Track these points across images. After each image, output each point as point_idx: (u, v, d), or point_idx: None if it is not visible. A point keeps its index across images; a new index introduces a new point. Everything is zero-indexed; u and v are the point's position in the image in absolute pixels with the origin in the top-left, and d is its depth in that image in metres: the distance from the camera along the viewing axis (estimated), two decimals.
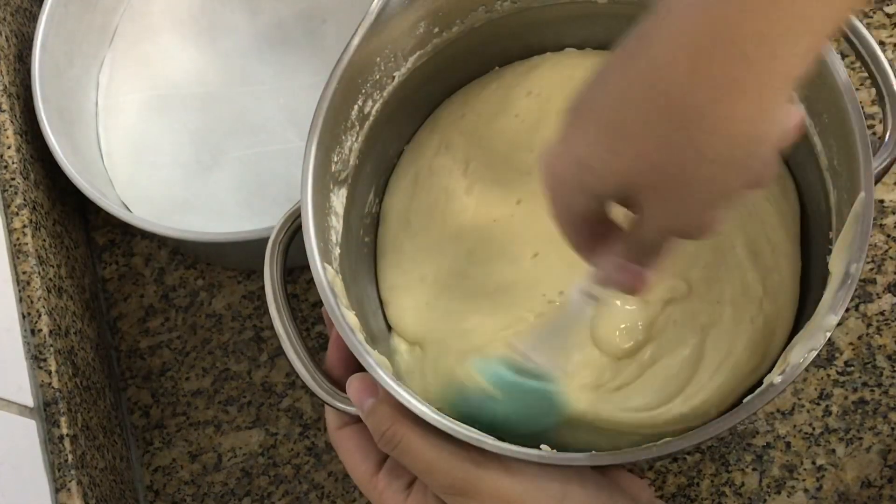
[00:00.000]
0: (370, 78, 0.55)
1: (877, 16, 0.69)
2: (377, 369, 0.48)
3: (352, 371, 0.51)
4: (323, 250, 0.51)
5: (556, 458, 0.47)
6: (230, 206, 0.68)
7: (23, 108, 0.65)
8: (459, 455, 0.47)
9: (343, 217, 0.55)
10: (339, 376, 0.52)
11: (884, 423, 0.62)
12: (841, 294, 0.47)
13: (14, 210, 0.61)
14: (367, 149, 0.57)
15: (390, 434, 0.48)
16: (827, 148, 0.53)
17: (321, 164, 0.52)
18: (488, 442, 0.47)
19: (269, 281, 0.52)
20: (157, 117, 0.71)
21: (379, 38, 0.54)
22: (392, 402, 0.48)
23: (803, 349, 0.47)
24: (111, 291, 0.70)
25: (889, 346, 0.63)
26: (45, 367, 0.59)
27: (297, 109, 0.70)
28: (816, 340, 0.47)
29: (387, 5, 0.53)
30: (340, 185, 0.55)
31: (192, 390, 0.68)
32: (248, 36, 0.72)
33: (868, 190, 0.48)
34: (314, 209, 0.51)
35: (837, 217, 0.51)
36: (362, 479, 0.51)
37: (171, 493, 0.66)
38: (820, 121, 0.53)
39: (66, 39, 0.68)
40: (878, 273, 0.64)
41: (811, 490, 0.61)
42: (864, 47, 0.52)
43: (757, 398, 0.46)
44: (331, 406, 0.51)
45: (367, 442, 0.51)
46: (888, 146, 0.51)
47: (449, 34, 0.58)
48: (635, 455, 0.47)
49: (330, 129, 0.52)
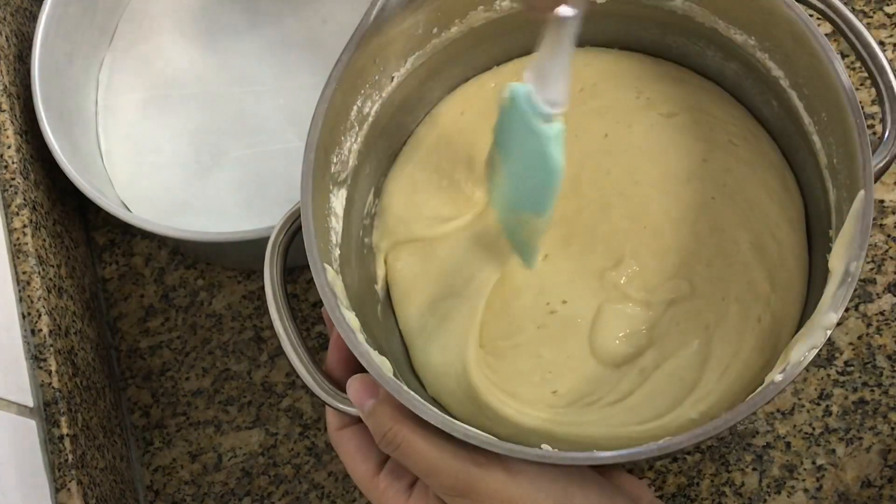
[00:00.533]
0: (369, 79, 0.55)
1: (877, 16, 0.69)
2: (378, 369, 0.48)
3: (352, 372, 0.51)
4: (323, 251, 0.51)
5: (557, 458, 0.47)
6: (230, 206, 0.68)
7: (23, 107, 0.65)
8: (460, 456, 0.47)
9: (343, 218, 0.55)
10: (339, 377, 0.52)
11: (884, 423, 0.62)
12: (841, 292, 0.47)
13: (14, 210, 0.61)
14: (367, 149, 0.57)
15: (391, 435, 0.48)
16: (826, 146, 0.53)
17: (321, 166, 0.52)
18: (489, 441, 0.47)
19: (268, 282, 0.52)
20: (156, 117, 0.71)
21: (378, 39, 0.53)
22: (393, 402, 0.48)
23: (804, 347, 0.47)
24: (111, 291, 0.70)
25: (889, 346, 0.63)
26: (45, 367, 0.59)
27: (297, 109, 0.70)
28: (817, 339, 0.47)
29: (385, 6, 0.52)
30: (340, 185, 0.55)
31: (192, 390, 0.68)
32: (247, 36, 0.72)
33: (868, 188, 0.48)
34: (314, 210, 0.51)
35: (837, 215, 0.51)
36: (363, 479, 0.51)
37: (171, 493, 0.66)
38: (819, 119, 0.53)
39: (66, 39, 0.68)
40: (878, 273, 0.64)
41: (811, 490, 0.61)
42: (864, 47, 0.52)
43: (758, 396, 0.46)
44: (331, 407, 0.51)
45: (367, 443, 0.51)
46: (887, 144, 0.51)
47: (448, 34, 0.58)
48: (635, 454, 0.46)
49: (329, 131, 0.52)
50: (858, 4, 0.69)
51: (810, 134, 0.54)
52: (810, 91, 0.53)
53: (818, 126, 0.53)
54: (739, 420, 0.46)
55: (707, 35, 0.57)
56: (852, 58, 0.67)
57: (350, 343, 0.49)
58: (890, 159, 0.51)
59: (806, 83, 0.53)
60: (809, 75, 0.52)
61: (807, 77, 0.53)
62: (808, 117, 0.54)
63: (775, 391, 0.46)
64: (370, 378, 0.49)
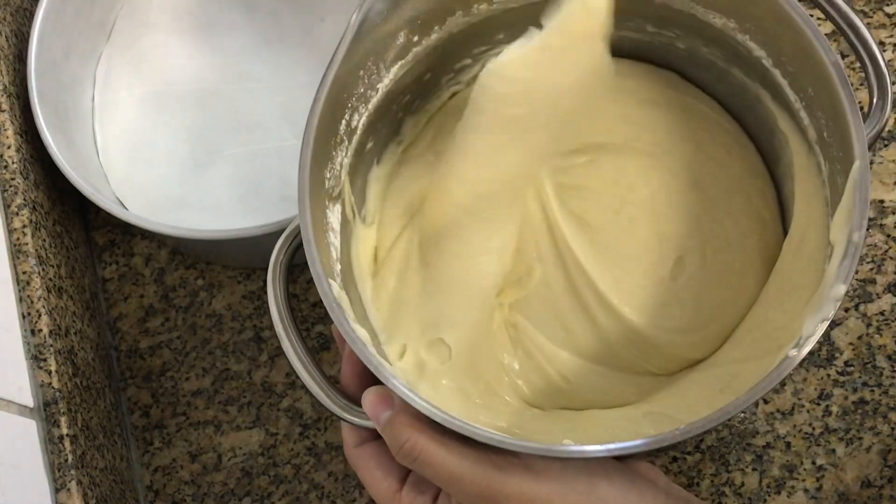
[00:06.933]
0: (355, 91, 0.54)
1: (877, 16, 0.69)
2: (392, 380, 0.47)
3: (367, 385, 0.50)
4: (326, 267, 0.50)
5: (582, 452, 0.46)
6: (225, 203, 0.68)
7: (23, 107, 0.65)
8: (481, 461, 0.46)
9: (340, 233, 0.55)
10: (354, 392, 0.51)
11: (884, 423, 0.62)
12: (846, 263, 0.47)
13: (14, 210, 0.61)
14: (357, 163, 0.57)
15: (409, 446, 0.47)
16: (815, 120, 0.53)
17: (316, 182, 0.51)
18: (512, 442, 0.46)
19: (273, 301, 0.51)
20: (153, 114, 0.71)
21: (361, 51, 0.53)
22: (409, 412, 0.47)
23: (815, 320, 0.47)
24: (111, 291, 0.70)
25: (889, 346, 0.63)
26: (45, 367, 0.59)
27: (293, 107, 0.70)
28: (827, 311, 0.46)
29: (367, 17, 0.52)
30: (335, 201, 0.55)
31: (192, 390, 0.68)
32: (245, 33, 0.72)
33: (862, 157, 0.48)
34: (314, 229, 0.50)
35: (832, 189, 0.51)
36: (385, 497, 0.50)
37: (171, 493, 0.66)
38: (805, 95, 0.53)
39: (63, 35, 0.67)
40: (878, 273, 0.64)
41: (811, 490, 0.61)
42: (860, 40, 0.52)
43: (774, 373, 0.46)
44: (347, 421, 0.50)
45: (387, 458, 0.50)
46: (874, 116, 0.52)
47: (428, 41, 0.58)
48: (656, 442, 0.45)
49: (321, 146, 0.52)
50: (858, 4, 0.69)
51: (797, 111, 0.54)
52: (794, 67, 0.53)
53: (805, 102, 0.53)
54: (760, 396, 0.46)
55: (686, 22, 0.57)
56: (852, 58, 0.67)
57: (362, 356, 0.48)
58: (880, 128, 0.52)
59: (789, 60, 0.53)
60: (793, 52, 0.52)
61: (790, 54, 0.52)
62: (794, 94, 0.53)
63: (791, 366, 0.46)
64: (385, 389, 0.48)
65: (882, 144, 0.66)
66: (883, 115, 0.52)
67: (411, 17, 0.55)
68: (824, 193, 0.52)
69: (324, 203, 0.53)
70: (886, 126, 0.59)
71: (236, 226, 0.62)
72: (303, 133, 0.51)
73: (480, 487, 0.46)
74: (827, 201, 0.52)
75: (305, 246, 0.50)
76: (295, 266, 0.68)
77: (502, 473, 0.46)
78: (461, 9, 0.57)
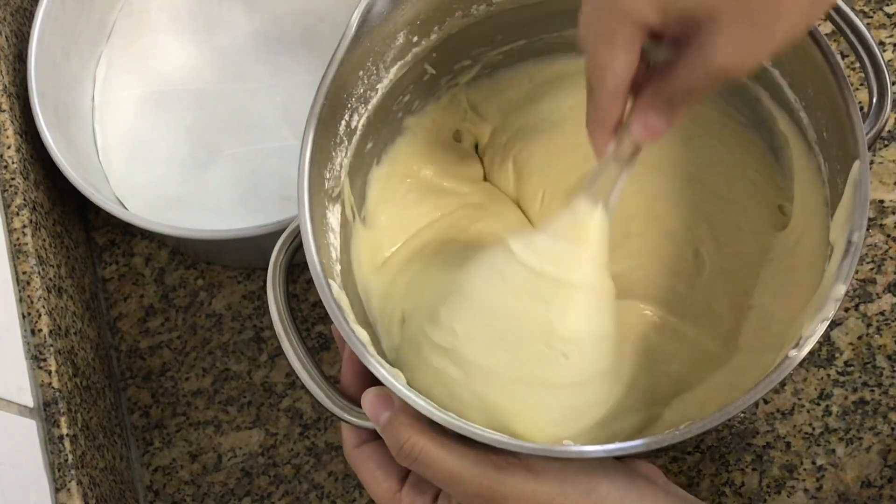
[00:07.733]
0: (355, 92, 0.55)
1: (877, 16, 0.69)
2: (391, 381, 0.47)
3: (367, 385, 0.50)
4: (326, 267, 0.50)
5: (583, 453, 0.46)
6: (225, 203, 0.68)
7: (23, 108, 0.65)
8: (481, 461, 0.46)
9: (339, 233, 0.55)
10: (354, 392, 0.51)
11: (884, 423, 0.62)
12: (846, 263, 0.47)
13: (14, 210, 0.61)
14: (357, 163, 0.57)
15: (408, 447, 0.47)
16: (814, 121, 0.53)
17: (315, 183, 0.51)
18: (512, 443, 0.46)
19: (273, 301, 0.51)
20: (153, 114, 0.71)
21: (361, 52, 0.53)
22: (409, 412, 0.47)
23: (815, 320, 0.47)
24: (111, 291, 0.70)
25: (889, 346, 0.63)
26: (45, 367, 0.59)
27: (293, 107, 0.70)
28: (827, 311, 0.47)
29: (367, 17, 0.52)
30: (334, 201, 0.55)
31: (192, 390, 0.68)
32: (244, 33, 0.72)
33: (863, 157, 0.48)
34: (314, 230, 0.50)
35: (832, 189, 0.52)
36: (385, 497, 0.50)
37: (171, 493, 0.66)
38: (805, 95, 0.53)
39: (63, 35, 0.67)
40: (878, 273, 0.64)
41: (811, 490, 0.61)
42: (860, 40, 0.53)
43: (774, 373, 0.46)
44: (346, 422, 0.51)
45: (386, 459, 0.50)
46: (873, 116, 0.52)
47: (428, 42, 0.58)
48: (656, 442, 0.46)
49: (321, 146, 0.52)
50: (858, 4, 0.69)
51: (797, 111, 0.54)
52: (792, 68, 0.53)
53: (805, 102, 0.53)
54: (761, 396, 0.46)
55: None
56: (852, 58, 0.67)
57: (361, 356, 0.48)
58: (880, 128, 0.52)
59: (789, 60, 0.53)
60: (793, 52, 0.52)
61: (790, 55, 0.52)
62: (794, 94, 0.54)
63: (791, 366, 0.46)
64: (385, 390, 0.48)
65: (882, 144, 0.66)
66: (883, 115, 0.52)
67: (411, 18, 0.55)
68: (824, 193, 0.53)
69: (323, 203, 0.53)
70: (886, 126, 0.59)
71: (236, 226, 0.62)
72: (302, 133, 0.51)
73: (480, 488, 0.46)
74: (827, 201, 0.52)
75: (305, 246, 0.50)
76: (295, 266, 0.68)
77: (502, 474, 0.46)
78: (460, 9, 0.57)
